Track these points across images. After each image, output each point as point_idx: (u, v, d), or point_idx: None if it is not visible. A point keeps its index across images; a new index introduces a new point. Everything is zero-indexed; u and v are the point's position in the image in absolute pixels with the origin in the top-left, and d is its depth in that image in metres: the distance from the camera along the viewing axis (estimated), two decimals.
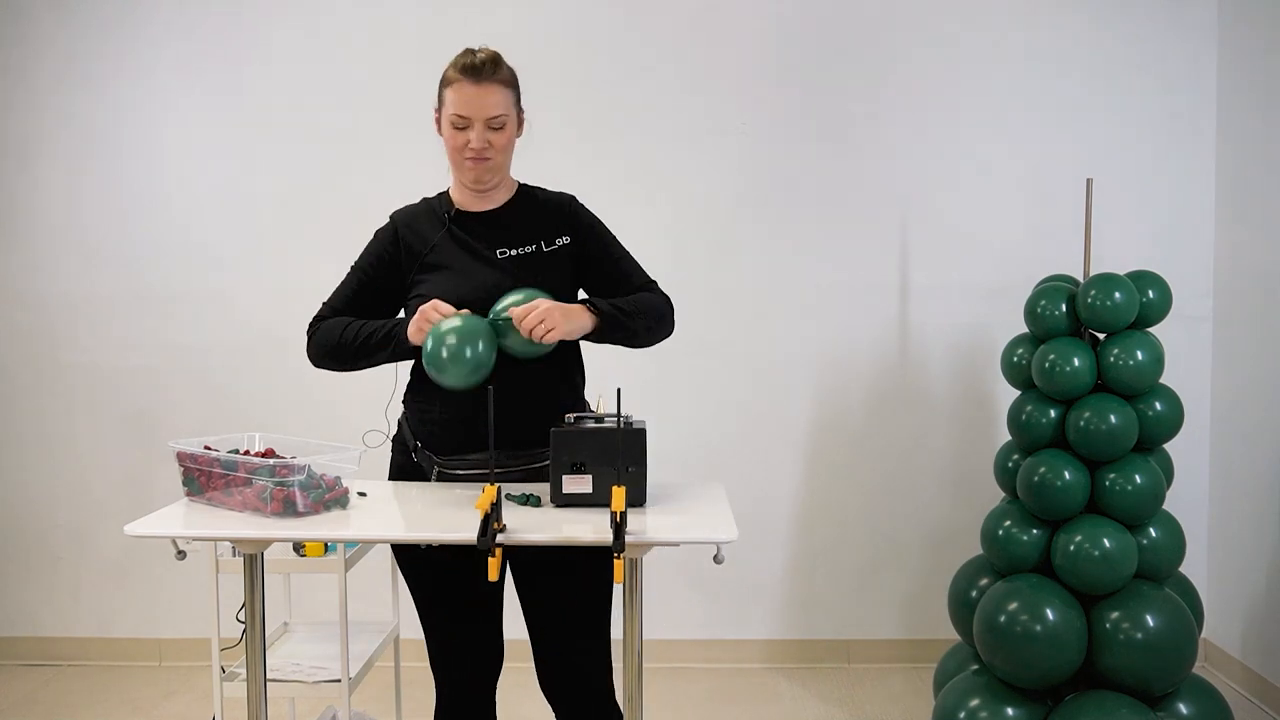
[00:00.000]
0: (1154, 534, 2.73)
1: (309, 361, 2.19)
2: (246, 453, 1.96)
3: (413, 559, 2.14)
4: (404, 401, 2.23)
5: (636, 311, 2.09)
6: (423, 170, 3.65)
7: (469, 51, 2.06)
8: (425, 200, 2.23)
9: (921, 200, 3.63)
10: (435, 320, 1.95)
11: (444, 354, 1.91)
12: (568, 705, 2.16)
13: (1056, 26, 3.59)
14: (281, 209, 3.66)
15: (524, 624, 2.15)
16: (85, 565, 3.78)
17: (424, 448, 2.13)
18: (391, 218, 2.23)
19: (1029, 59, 3.60)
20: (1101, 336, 2.81)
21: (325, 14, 3.63)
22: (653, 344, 2.18)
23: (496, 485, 1.71)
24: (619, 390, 1.88)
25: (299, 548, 2.65)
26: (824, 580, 3.74)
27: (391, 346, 2.06)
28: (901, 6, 3.60)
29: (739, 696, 3.48)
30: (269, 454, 1.92)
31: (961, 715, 2.74)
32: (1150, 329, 2.81)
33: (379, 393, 3.63)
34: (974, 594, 2.92)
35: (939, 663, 3.09)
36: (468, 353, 1.91)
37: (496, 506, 1.69)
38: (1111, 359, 2.72)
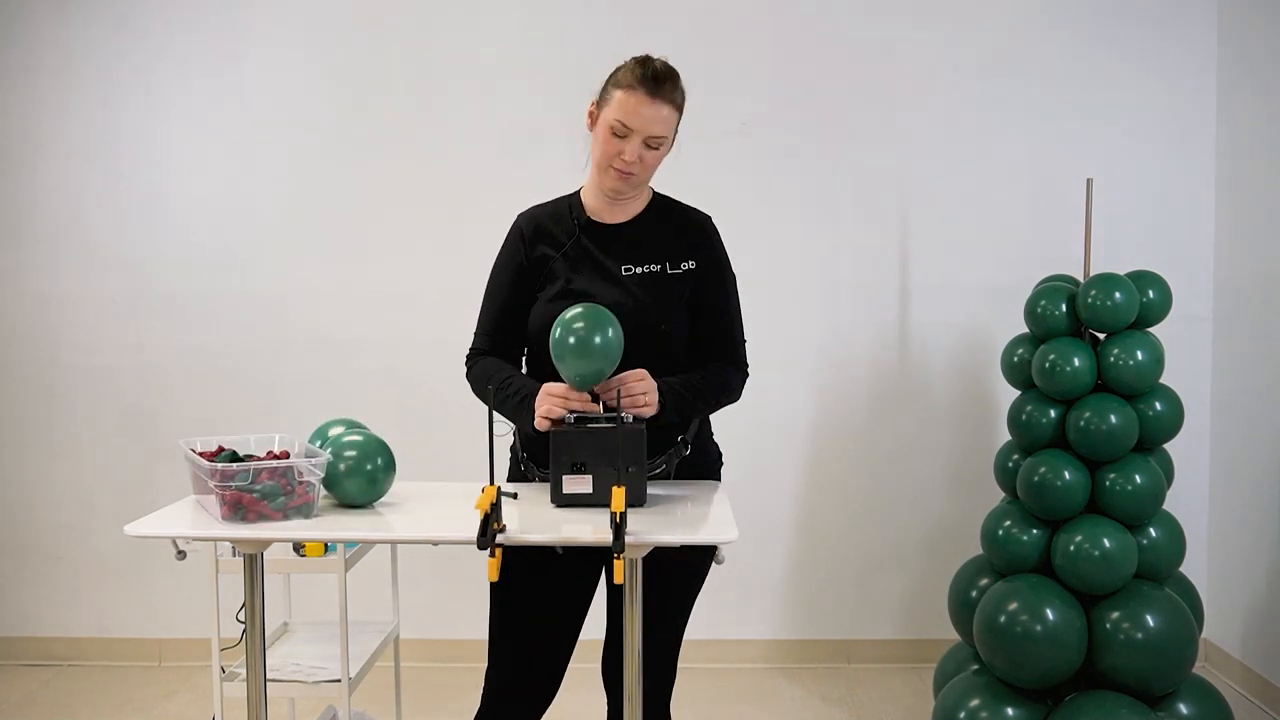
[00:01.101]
0: (1154, 534, 2.73)
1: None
2: (271, 455, 1.95)
3: (518, 562, 1.99)
4: None
5: (705, 390, 2.00)
6: (423, 170, 3.68)
7: (647, 59, 1.97)
8: (557, 201, 2.14)
9: (922, 200, 3.63)
10: (558, 415, 1.87)
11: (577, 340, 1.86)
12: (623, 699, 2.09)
13: (1057, 27, 3.59)
14: (282, 209, 3.66)
15: None
16: (85, 565, 3.78)
17: (530, 459, 2.09)
18: (519, 222, 2.13)
19: (1029, 59, 3.60)
20: (1102, 336, 2.81)
21: (325, 13, 3.62)
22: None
23: (496, 485, 1.70)
24: (619, 390, 1.88)
25: (299, 548, 2.65)
26: (824, 580, 3.74)
27: (518, 424, 2.00)
28: (902, 6, 3.60)
29: (739, 696, 3.48)
30: (210, 455, 1.90)
31: (961, 715, 2.74)
32: (1150, 329, 2.81)
33: (377, 392, 3.65)
34: (974, 594, 2.92)
35: (939, 663, 3.09)
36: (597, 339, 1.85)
37: (496, 506, 1.69)
38: (1112, 359, 2.72)
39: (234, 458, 1.89)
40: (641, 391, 1.90)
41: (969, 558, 3.10)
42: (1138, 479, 2.67)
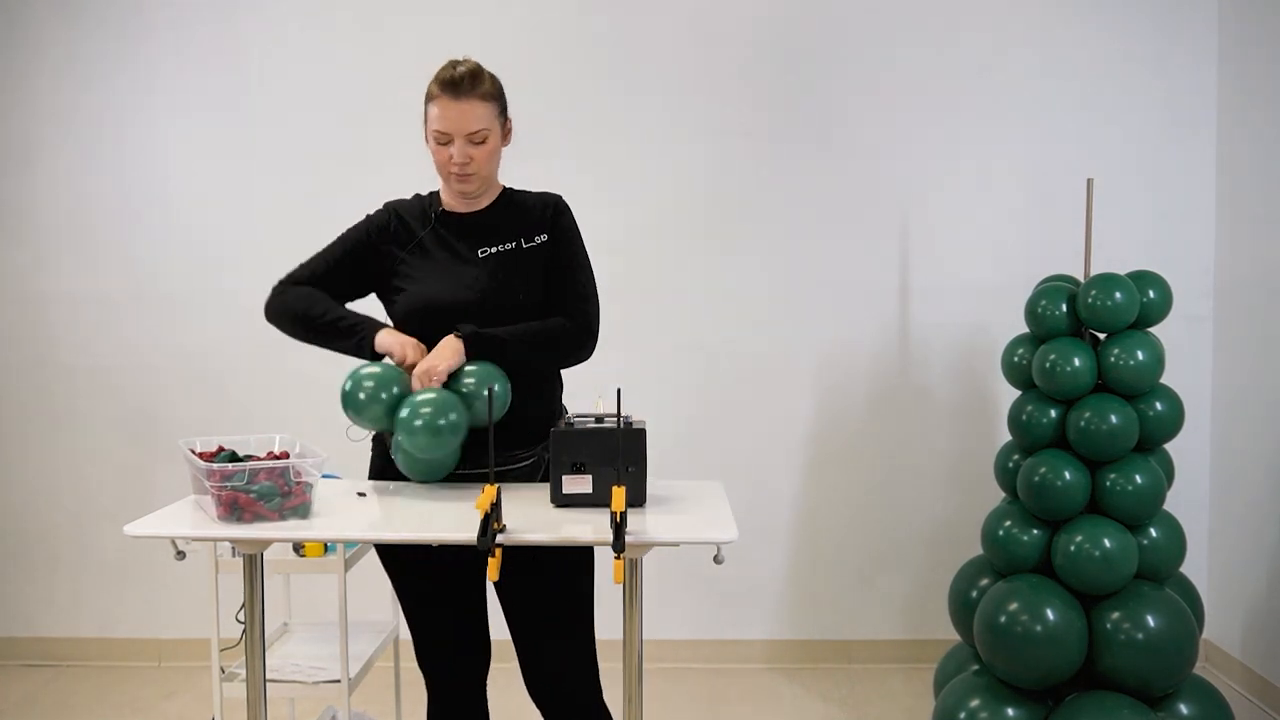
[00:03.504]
0: (1154, 534, 2.72)
1: (264, 315, 2.23)
2: (271, 454, 1.95)
3: (394, 556, 2.16)
4: None
5: (513, 339, 2.07)
6: (423, 169, 3.67)
7: (451, 64, 2.09)
8: (418, 196, 2.28)
9: (922, 200, 3.63)
10: (431, 382, 2.00)
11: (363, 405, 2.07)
12: (553, 710, 2.15)
13: (1057, 27, 3.59)
14: (282, 209, 3.66)
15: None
16: (85, 565, 3.78)
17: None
18: (386, 205, 2.28)
19: (1029, 59, 3.60)
20: (1102, 336, 2.81)
21: (326, 14, 3.62)
22: (545, 368, 2.18)
23: (496, 485, 1.70)
24: (619, 390, 1.88)
25: (299, 548, 2.65)
26: (824, 580, 3.74)
27: (355, 340, 2.12)
28: (901, 6, 3.60)
29: (739, 696, 3.48)
30: (210, 456, 1.90)
31: (961, 715, 2.74)
32: (1151, 329, 2.80)
33: None
34: (974, 594, 2.92)
35: (939, 663, 3.09)
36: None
37: (496, 506, 1.69)
38: (1112, 359, 2.72)
39: (233, 458, 1.89)
40: (428, 378, 2.00)
41: (969, 558, 3.10)
42: (1138, 479, 2.67)
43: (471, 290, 2.09)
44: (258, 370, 3.68)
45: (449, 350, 2.02)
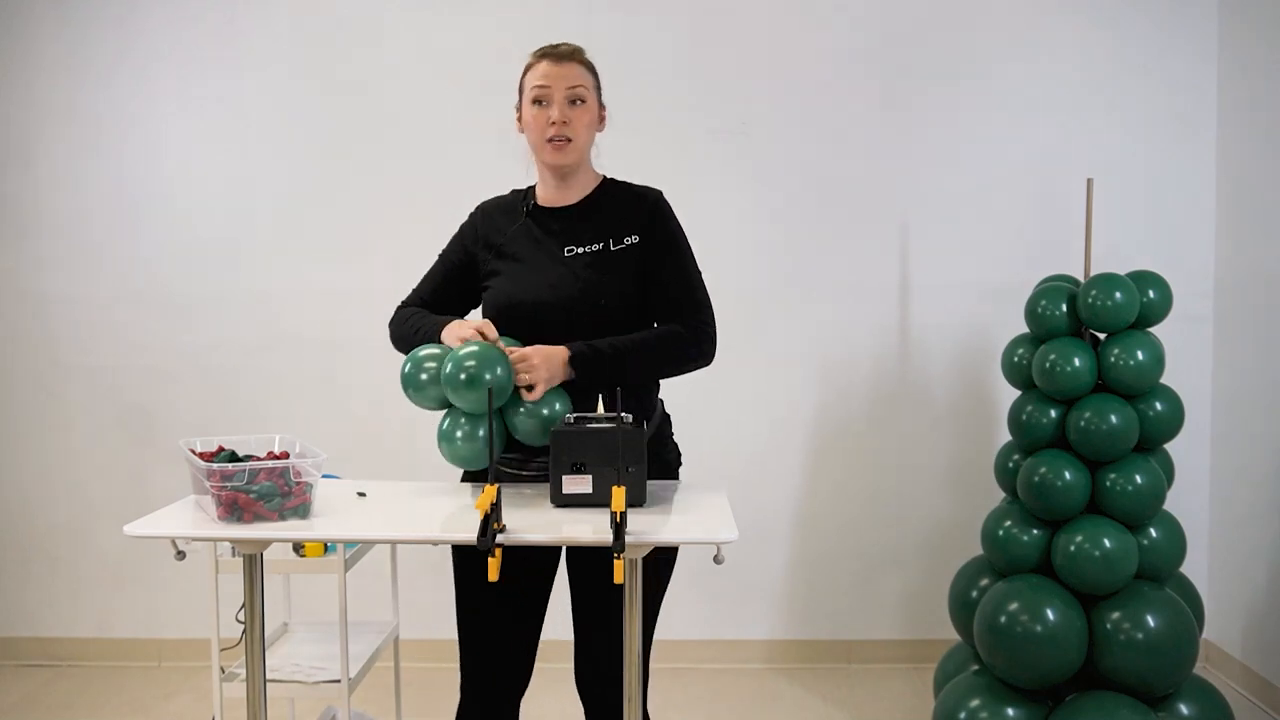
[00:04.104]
0: (1154, 534, 2.72)
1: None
2: (271, 454, 1.95)
3: (469, 552, 2.08)
4: None
5: (628, 351, 2.01)
6: (424, 170, 3.68)
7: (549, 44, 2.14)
8: (514, 191, 2.24)
9: (921, 200, 3.63)
10: (473, 336, 1.96)
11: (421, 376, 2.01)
12: (595, 706, 2.12)
13: (1057, 27, 3.59)
14: (282, 208, 3.66)
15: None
16: (85, 565, 3.78)
17: None
18: (478, 206, 2.26)
19: (1029, 59, 3.60)
20: (1102, 336, 2.81)
21: (326, 12, 3.62)
22: (666, 377, 2.14)
23: (496, 485, 1.70)
24: (619, 390, 1.88)
25: (299, 548, 2.65)
26: (824, 580, 3.74)
27: (428, 341, 2.09)
28: (901, 6, 3.59)
29: (739, 696, 3.48)
30: (210, 456, 1.90)
31: (962, 715, 2.74)
32: (1151, 329, 2.80)
33: (377, 392, 3.64)
34: (974, 594, 2.92)
35: (939, 663, 3.09)
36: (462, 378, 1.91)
37: (496, 506, 1.69)
38: (1112, 359, 2.72)
39: (233, 458, 1.89)
40: (526, 370, 1.93)
41: (969, 558, 3.10)
42: (1138, 479, 2.67)
43: (555, 291, 2.05)
44: (258, 370, 3.68)
45: (556, 366, 1.95)
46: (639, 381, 2.06)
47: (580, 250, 2.09)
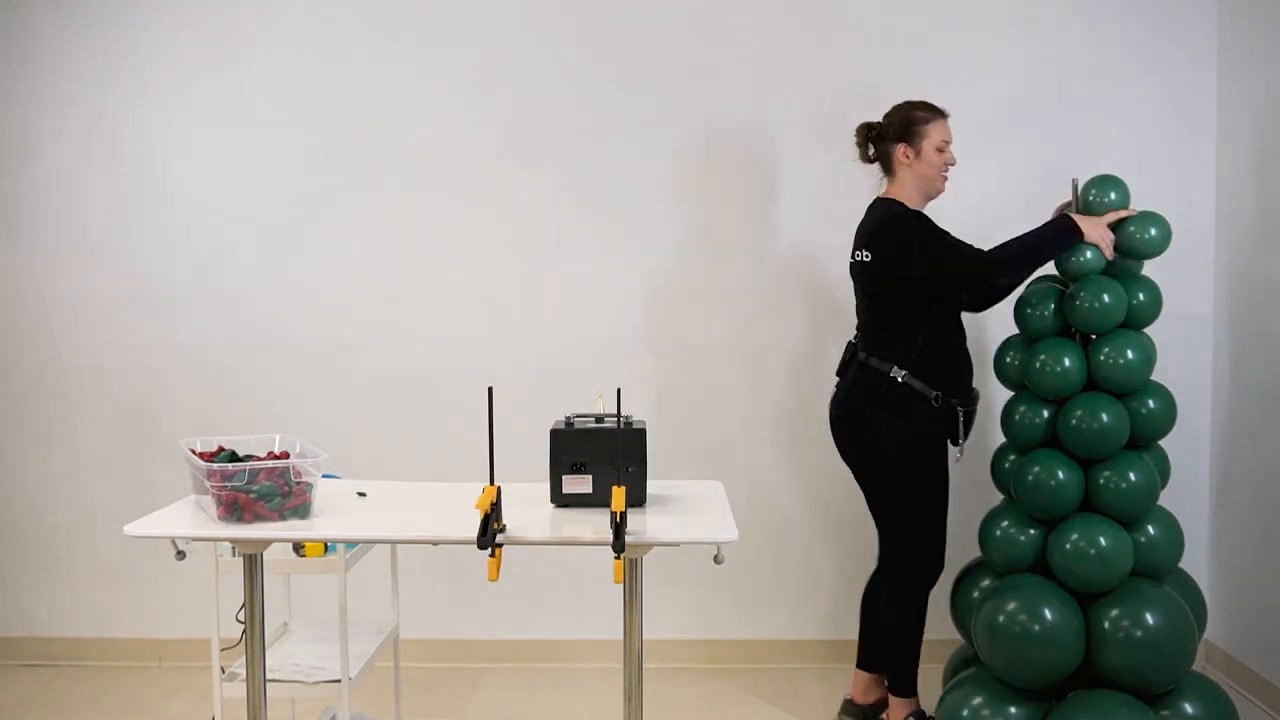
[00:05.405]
0: (1151, 531, 2.73)
1: (996, 274, 2.86)
2: (271, 454, 1.95)
3: (943, 467, 2.93)
4: (908, 368, 2.84)
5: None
6: (424, 170, 3.68)
7: (925, 102, 2.98)
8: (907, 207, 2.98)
9: None
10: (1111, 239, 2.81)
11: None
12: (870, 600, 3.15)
13: (1056, 26, 3.59)
14: (282, 207, 3.66)
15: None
16: (84, 565, 3.78)
17: (946, 396, 2.83)
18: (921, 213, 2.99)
19: (1029, 59, 3.60)
20: (1093, 336, 2.81)
21: (326, 11, 3.62)
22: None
23: (497, 486, 1.71)
24: (619, 390, 1.88)
25: (299, 548, 2.65)
26: (824, 580, 3.74)
27: (1067, 238, 2.80)
28: (901, 6, 3.59)
29: (739, 697, 3.48)
30: (210, 456, 1.90)
31: (963, 715, 2.74)
32: (1143, 330, 2.81)
33: (377, 392, 3.65)
34: (974, 594, 2.92)
35: (947, 662, 3.10)
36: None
37: (496, 506, 1.69)
38: (1101, 358, 2.73)
39: (233, 458, 1.89)
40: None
41: (969, 558, 3.11)
42: (1131, 476, 2.67)
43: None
44: (259, 370, 3.68)
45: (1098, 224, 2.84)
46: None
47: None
